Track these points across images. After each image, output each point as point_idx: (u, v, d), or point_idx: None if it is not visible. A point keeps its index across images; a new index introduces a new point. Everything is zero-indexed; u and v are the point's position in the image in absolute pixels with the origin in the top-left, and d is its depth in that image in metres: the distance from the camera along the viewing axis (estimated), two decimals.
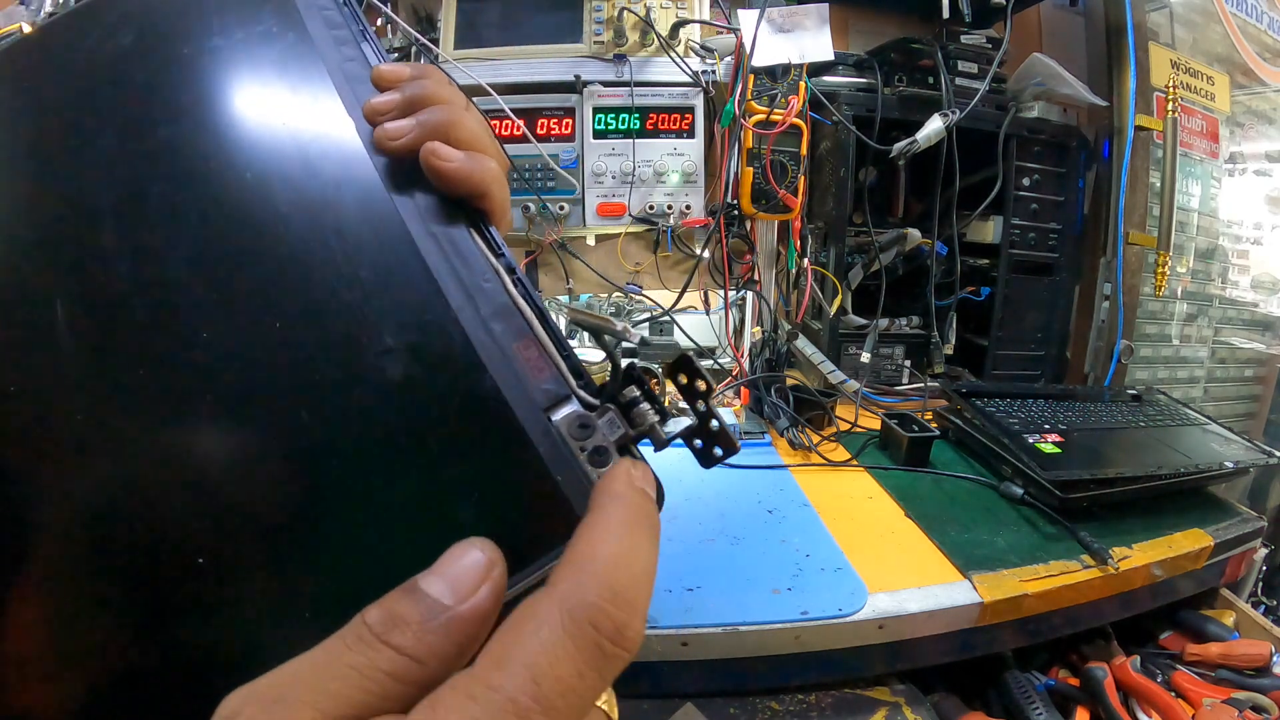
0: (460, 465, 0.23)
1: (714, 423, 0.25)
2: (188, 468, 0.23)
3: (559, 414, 0.23)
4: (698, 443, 0.25)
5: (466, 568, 0.18)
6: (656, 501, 0.22)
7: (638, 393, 0.24)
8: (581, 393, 0.23)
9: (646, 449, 0.25)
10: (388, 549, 0.22)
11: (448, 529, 0.21)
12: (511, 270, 0.25)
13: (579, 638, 0.16)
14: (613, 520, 0.19)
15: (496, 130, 0.94)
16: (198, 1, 0.29)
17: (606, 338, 0.26)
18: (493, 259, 0.25)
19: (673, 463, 0.84)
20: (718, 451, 0.25)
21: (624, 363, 0.24)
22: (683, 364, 0.24)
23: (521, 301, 0.24)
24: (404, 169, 0.25)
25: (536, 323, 0.24)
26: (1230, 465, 0.83)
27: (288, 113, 0.27)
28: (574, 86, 0.95)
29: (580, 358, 0.25)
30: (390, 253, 0.24)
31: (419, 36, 0.92)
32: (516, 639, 0.16)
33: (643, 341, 1.20)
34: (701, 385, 0.24)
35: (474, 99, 0.94)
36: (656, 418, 0.24)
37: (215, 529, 0.22)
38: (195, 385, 0.24)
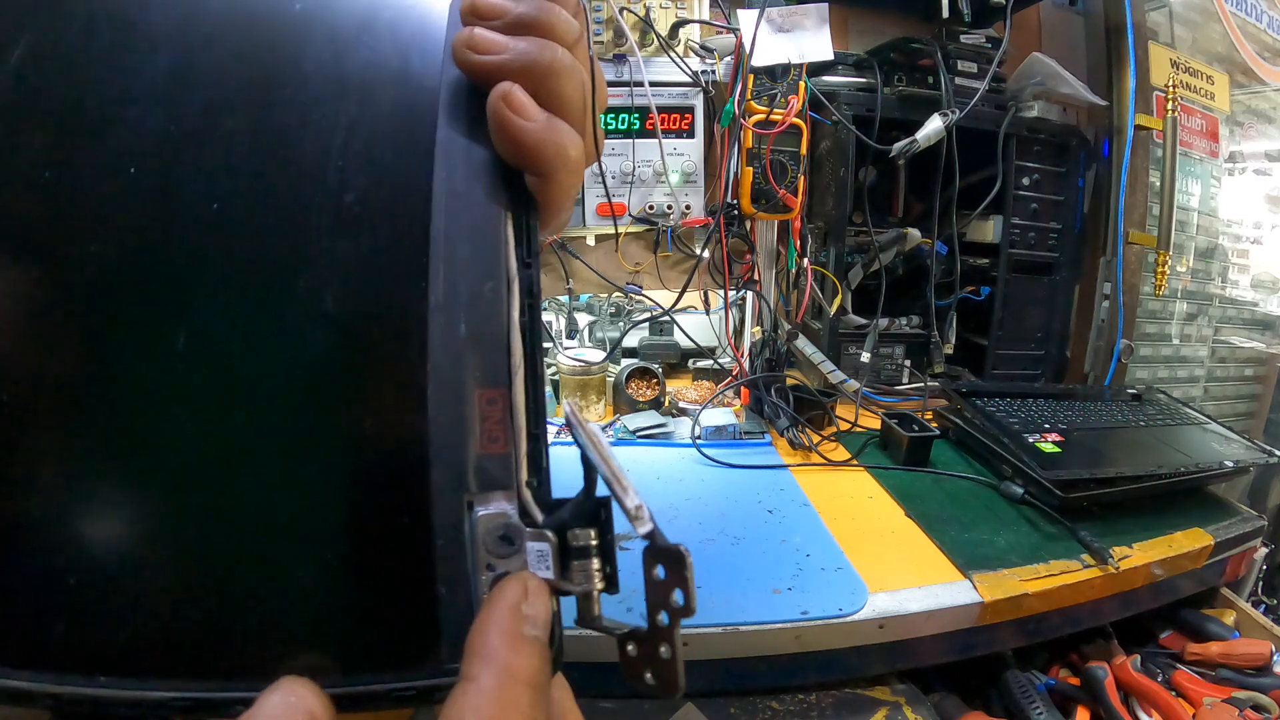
0: (329, 514, 0.17)
1: (664, 649, 0.18)
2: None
3: (485, 509, 0.17)
4: (630, 649, 0.18)
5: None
6: (549, 645, 0.17)
7: (594, 541, 0.17)
8: (528, 494, 0.17)
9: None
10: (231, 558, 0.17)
11: (288, 580, 0.17)
12: (530, 293, 0.18)
13: None
14: (484, 698, 0.15)
15: None
16: None
17: (604, 476, 0.18)
18: (513, 264, 0.18)
19: (672, 463, 0.85)
20: (649, 679, 0.18)
21: (601, 491, 0.17)
22: (662, 554, 0.17)
23: (518, 337, 0.17)
24: (471, 98, 0.19)
25: (521, 375, 0.17)
26: (1230, 464, 0.82)
27: None
28: None
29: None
30: (395, 190, 0.18)
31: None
32: None
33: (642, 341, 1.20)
34: (680, 598, 0.17)
35: None
36: (600, 584, 0.17)
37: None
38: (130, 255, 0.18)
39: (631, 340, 1.21)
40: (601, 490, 0.18)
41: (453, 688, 0.15)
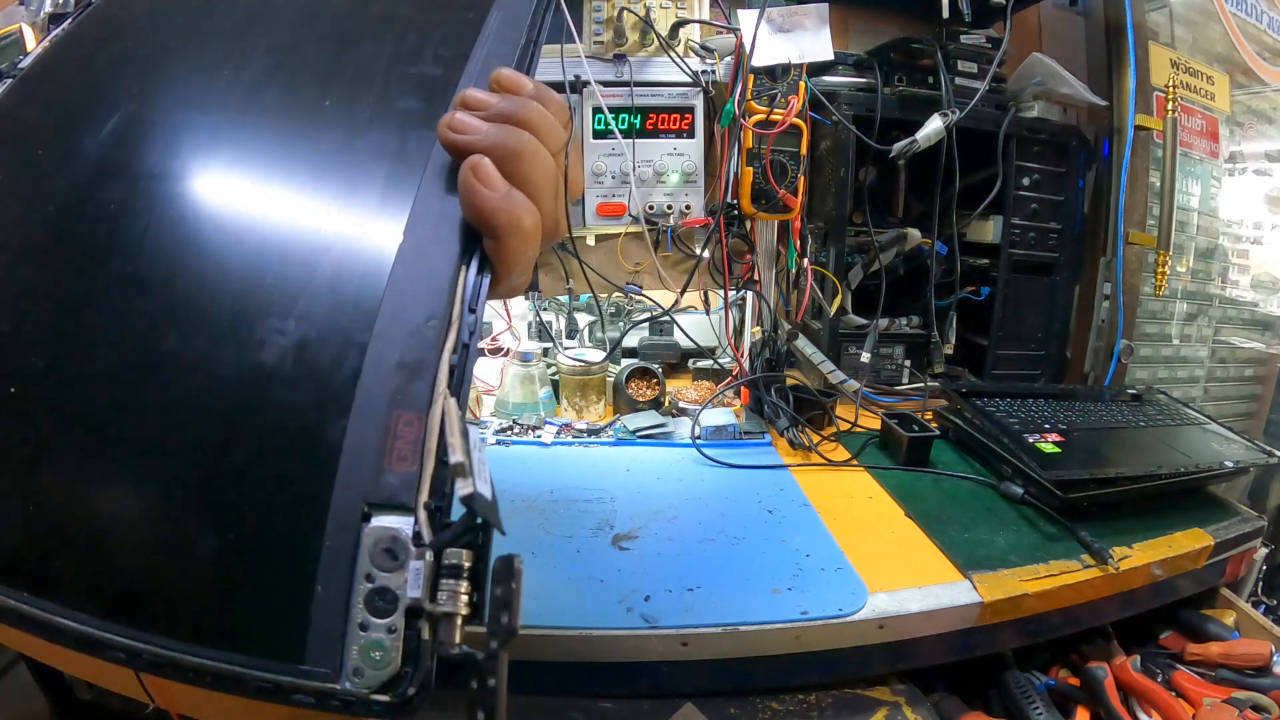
0: (245, 491, 0.19)
1: (490, 680, 0.17)
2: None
3: (379, 520, 0.17)
4: (474, 683, 0.17)
5: None
6: None
7: (466, 563, 0.17)
8: (423, 515, 0.18)
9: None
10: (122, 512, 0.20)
11: (181, 541, 0.19)
12: (470, 335, 0.20)
13: None
14: None
15: None
16: None
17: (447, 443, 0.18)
18: (457, 308, 0.20)
19: (672, 463, 0.85)
20: (480, 717, 0.17)
21: (479, 518, 0.17)
22: (500, 567, 0.17)
23: (445, 372, 0.19)
24: (451, 173, 0.23)
25: (440, 405, 0.19)
26: (1230, 465, 0.83)
27: (408, 68, 0.26)
28: (574, 86, 0.95)
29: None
30: (370, 240, 0.22)
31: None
32: None
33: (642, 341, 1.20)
34: (505, 617, 0.17)
35: None
36: (464, 609, 0.17)
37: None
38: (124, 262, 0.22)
39: (631, 340, 1.21)
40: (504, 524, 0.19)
41: None
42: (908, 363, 1.13)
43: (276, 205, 0.23)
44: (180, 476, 0.20)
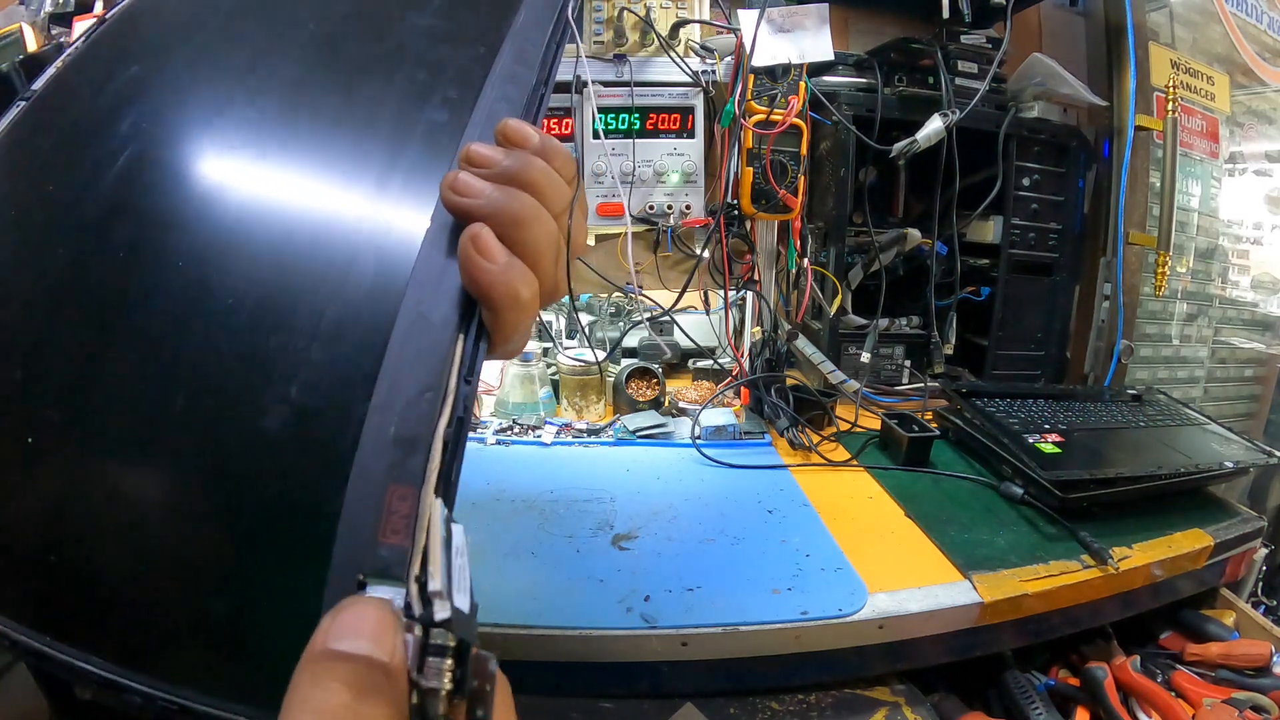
0: (250, 556, 0.20)
1: None
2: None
3: (373, 590, 0.18)
4: None
5: (379, 623, 0.16)
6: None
7: (451, 642, 0.17)
8: (414, 588, 0.18)
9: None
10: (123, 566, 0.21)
11: (193, 601, 0.20)
12: (465, 408, 0.20)
13: None
14: None
15: None
16: None
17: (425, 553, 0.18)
18: (454, 380, 0.20)
19: (672, 463, 0.85)
20: None
21: (443, 593, 0.17)
22: (477, 669, 0.17)
23: (440, 445, 0.19)
24: (451, 234, 0.22)
25: (434, 479, 0.19)
26: (1230, 465, 0.83)
27: (415, 112, 0.25)
28: (574, 86, 0.95)
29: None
30: (371, 304, 0.22)
31: None
32: None
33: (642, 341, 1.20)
34: (481, 716, 0.17)
35: None
36: (449, 685, 0.17)
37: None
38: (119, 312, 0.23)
39: (631, 340, 1.21)
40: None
41: None
42: (908, 363, 1.13)
43: (280, 262, 0.23)
44: (189, 540, 0.21)
